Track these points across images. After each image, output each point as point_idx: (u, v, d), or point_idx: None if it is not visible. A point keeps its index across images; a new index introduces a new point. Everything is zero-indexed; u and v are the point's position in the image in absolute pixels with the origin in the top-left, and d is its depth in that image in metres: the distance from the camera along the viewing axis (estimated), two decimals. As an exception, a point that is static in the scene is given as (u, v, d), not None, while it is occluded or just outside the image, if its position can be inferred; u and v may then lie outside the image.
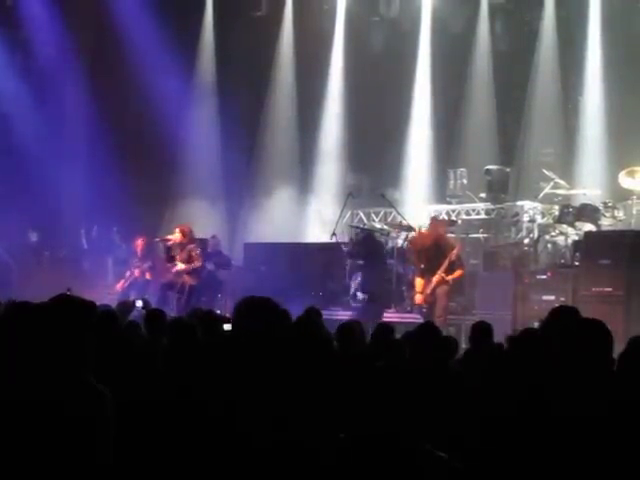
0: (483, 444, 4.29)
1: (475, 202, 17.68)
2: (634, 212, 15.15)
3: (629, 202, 15.34)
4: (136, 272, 16.25)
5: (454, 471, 3.31)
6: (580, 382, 3.97)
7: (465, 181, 17.88)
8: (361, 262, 15.13)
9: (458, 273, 13.56)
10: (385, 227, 17.35)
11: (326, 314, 9.99)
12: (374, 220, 18.56)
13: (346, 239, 16.65)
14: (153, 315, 7.62)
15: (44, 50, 19.14)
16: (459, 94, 18.92)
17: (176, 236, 15.29)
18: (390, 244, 16.15)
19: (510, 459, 3.98)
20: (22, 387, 3.31)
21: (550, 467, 3.84)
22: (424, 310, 13.46)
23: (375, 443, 3.28)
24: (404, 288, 15.08)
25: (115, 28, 19.14)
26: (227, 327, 7.09)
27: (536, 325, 11.28)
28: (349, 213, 18.35)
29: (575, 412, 3.88)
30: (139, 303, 11.73)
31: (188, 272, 15.09)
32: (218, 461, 3.78)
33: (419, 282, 13.56)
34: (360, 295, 15.05)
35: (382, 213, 18.54)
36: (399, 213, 16.64)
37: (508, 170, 17.36)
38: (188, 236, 15.29)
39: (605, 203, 15.14)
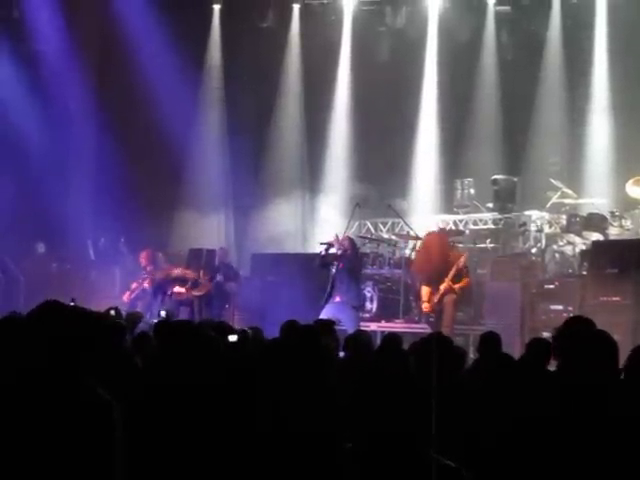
0: (490, 454, 4.27)
1: (482, 212, 17.67)
2: (642, 221, 15.14)
3: (636, 211, 15.32)
4: (146, 283, 16.20)
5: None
6: (585, 392, 3.96)
7: (472, 191, 17.88)
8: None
9: (465, 281, 13.60)
10: (393, 237, 17.34)
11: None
12: (381, 230, 18.56)
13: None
14: (166, 327, 7.57)
15: (51, 61, 19.18)
16: (466, 104, 18.91)
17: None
18: (398, 254, 16.13)
19: (518, 469, 3.96)
20: (23, 395, 3.30)
21: (557, 476, 3.83)
22: (431, 320, 13.47)
23: (382, 452, 3.27)
24: (412, 298, 15.06)
25: (122, 40, 19.19)
26: (232, 339, 7.05)
27: (545, 335, 11.29)
28: (357, 223, 18.34)
29: (583, 422, 3.87)
30: (163, 313, 11.84)
31: (190, 288, 15.60)
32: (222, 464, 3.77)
33: (425, 291, 13.62)
34: (369, 305, 15.09)
35: (390, 223, 18.54)
36: (406, 223, 16.64)
37: (515, 180, 17.34)
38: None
39: (612, 212, 15.12)
